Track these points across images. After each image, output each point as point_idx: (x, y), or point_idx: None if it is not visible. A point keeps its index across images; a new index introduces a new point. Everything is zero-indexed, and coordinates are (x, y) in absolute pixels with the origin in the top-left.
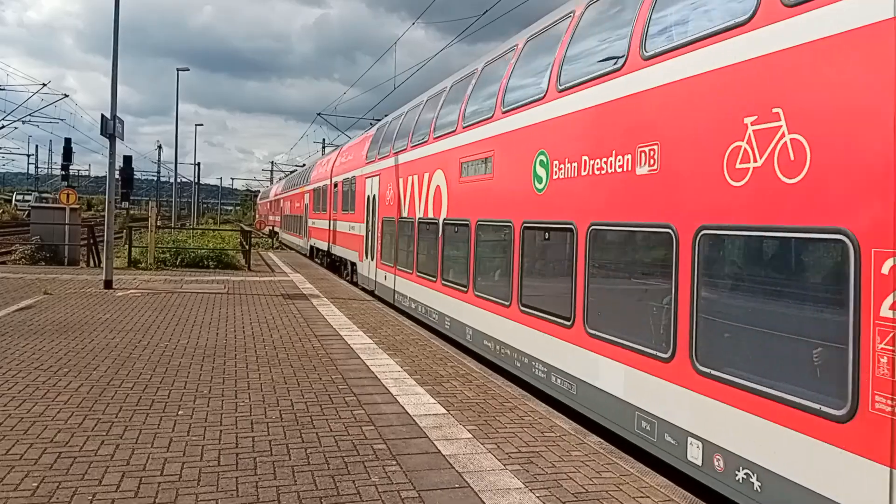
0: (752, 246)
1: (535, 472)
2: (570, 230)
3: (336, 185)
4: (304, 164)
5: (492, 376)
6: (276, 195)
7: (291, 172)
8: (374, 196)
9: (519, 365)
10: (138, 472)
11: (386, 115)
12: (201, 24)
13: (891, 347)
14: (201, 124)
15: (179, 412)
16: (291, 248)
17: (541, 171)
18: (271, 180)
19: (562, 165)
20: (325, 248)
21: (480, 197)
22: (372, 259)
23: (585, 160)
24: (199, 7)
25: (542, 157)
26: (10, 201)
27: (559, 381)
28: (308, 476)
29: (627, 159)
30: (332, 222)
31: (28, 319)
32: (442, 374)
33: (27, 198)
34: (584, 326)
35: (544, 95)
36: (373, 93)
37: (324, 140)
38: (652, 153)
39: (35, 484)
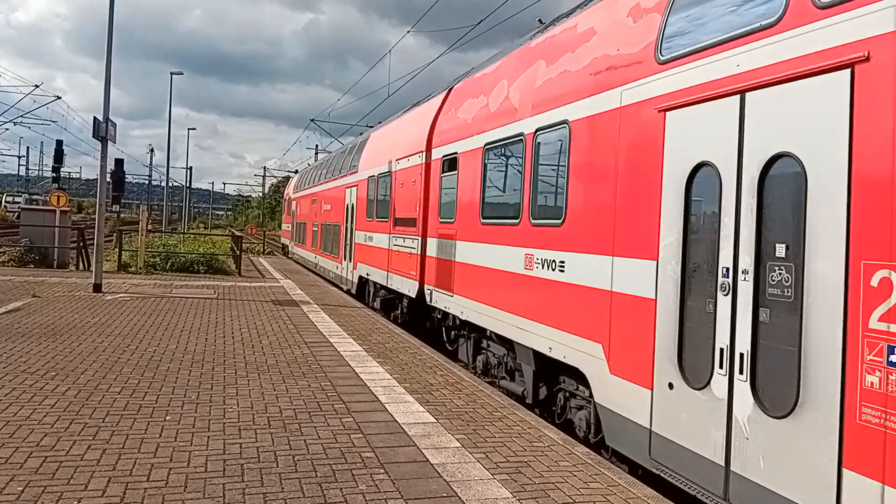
0: None
1: (524, 482)
2: None
3: None
4: (296, 171)
5: (482, 385)
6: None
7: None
8: None
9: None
10: (124, 477)
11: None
12: (191, 26)
13: None
14: (194, 128)
15: (167, 417)
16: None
17: None
18: (264, 186)
19: None
20: None
21: None
22: None
23: None
24: (189, 10)
25: None
26: None
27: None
28: (295, 483)
29: None
30: None
31: (16, 322)
32: (431, 383)
33: (17, 199)
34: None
35: None
36: (366, 100)
37: (317, 146)
38: None
39: (20, 488)
